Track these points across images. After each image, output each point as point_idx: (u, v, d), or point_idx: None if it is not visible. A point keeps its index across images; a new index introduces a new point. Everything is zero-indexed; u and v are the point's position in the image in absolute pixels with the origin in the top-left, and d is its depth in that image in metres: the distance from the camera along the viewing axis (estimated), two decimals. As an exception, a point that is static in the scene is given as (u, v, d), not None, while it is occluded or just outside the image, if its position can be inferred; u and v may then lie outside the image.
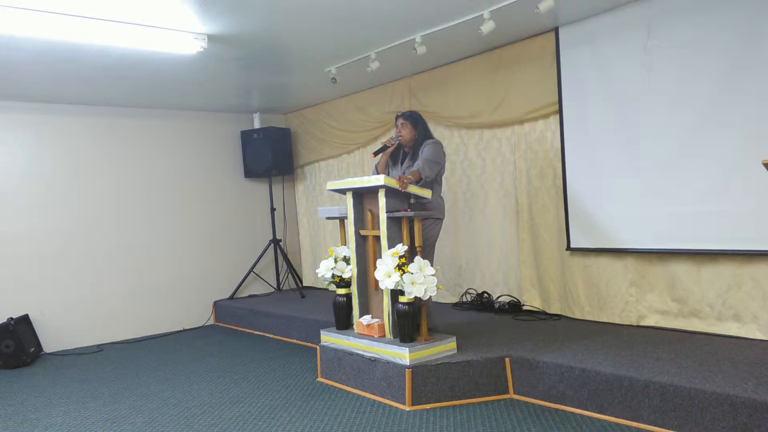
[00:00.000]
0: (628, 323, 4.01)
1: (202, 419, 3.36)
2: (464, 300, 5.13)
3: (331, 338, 3.96)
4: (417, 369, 3.33)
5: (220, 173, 6.57)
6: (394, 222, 3.60)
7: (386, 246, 3.55)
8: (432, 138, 3.94)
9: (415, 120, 3.94)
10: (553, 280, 4.49)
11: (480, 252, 5.02)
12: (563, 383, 3.16)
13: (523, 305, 4.68)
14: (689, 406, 2.67)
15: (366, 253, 3.85)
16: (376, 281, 3.59)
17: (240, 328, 5.99)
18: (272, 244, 6.63)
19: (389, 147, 3.94)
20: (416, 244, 3.53)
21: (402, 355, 3.39)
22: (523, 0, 3.57)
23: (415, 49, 4.17)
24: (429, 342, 3.48)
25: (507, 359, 3.43)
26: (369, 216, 3.79)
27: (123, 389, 4.06)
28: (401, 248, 3.42)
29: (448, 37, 4.23)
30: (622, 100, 3.85)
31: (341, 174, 6.44)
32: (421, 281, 3.33)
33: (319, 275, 4.00)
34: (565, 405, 3.16)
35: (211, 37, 3.92)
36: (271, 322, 5.56)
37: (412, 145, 3.93)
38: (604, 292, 4.14)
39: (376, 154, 3.95)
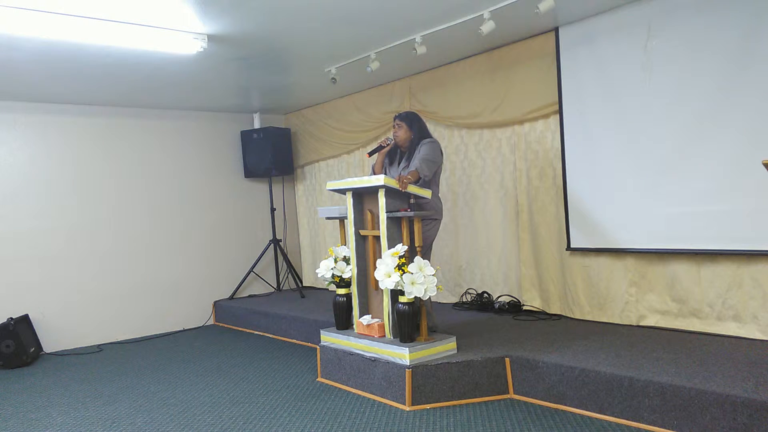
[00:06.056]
0: (628, 323, 4.01)
1: (202, 419, 3.36)
2: (464, 300, 5.13)
3: (331, 338, 3.96)
4: (417, 369, 3.34)
5: (220, 173, 6.57)
6: (394, 222, 3.60)
7: (386, 246, 3.55)
8: (429, 137, 3.94)
9: (410, 121, 3.94)
10: (553, 280, 4.49)
11: (480, 252, 5.02)
12: (563, 383, 3.16)
13: (523, 305, 4.68)
14: (689, 406, 2.67)
15: (366, 253, 3.85)
16: (376, 281, 3.59)
17: (240, 328, 5.99)
18: (272, 244, 6.63)
19: (384, 147, 3.95)
20: (416, 244, 3.53)
21: (402, 355, 3.39)
22: (523, 0, 3.57)
23: (415, 49, 4.17)
24: (429, 342, 3.48)
25: (507, 359, 3.43)
26: (369, 216, 3.79)
27: (123, 389, 4.06)
28: (401, 248, 3.42)
29: (448, 37, 4.23)
30: (622, 100, 3.85)
31: (341, 174, 6.44)
32: (421, 281, 3.33)
33: (319, 275, 4.00)
34: (565, 405, 3.16)
35: (211, 37, 3.93)
36: (271, 322, 5.56)
37: (409, 145, 3.94)
38: (604, 292, 4.14)
39: (371, 154, 3.96)
